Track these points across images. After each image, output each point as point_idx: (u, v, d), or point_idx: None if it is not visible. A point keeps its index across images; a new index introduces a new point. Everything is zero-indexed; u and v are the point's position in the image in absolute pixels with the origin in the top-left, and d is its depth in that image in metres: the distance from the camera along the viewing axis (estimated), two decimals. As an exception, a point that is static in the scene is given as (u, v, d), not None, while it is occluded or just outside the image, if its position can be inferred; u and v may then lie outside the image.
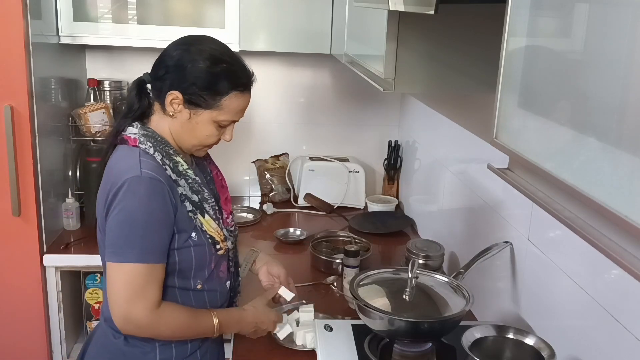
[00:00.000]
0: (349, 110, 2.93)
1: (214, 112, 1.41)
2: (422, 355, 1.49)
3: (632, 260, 0.61)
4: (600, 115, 0.66)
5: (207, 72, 1.38)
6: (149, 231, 1.33)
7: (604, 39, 0.65)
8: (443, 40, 1.49)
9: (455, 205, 2.13)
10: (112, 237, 1.34)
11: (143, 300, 1.34)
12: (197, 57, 1.38)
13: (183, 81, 1.38)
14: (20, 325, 2.29)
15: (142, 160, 1.36)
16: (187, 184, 1.41)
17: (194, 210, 1.41)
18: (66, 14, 2.37)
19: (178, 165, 1.41)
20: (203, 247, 1.43)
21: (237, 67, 1.43)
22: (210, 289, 1.50)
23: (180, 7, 2.53)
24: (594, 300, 1.24)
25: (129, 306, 1.34)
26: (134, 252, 1.32)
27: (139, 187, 1.32)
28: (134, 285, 1.33)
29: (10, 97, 2.08)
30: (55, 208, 2.38)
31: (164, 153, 1.40)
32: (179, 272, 1.42)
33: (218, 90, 1.39)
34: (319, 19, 2.50)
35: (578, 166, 0.70)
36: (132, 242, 1.33)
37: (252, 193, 2.97)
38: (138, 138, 1.40)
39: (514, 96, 0.86)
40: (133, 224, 1.32)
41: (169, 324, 1.39)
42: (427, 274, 1.60)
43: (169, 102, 1.40)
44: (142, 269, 1.33)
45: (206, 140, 1.46)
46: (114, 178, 1.35)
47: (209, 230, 1.44)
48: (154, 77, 1.43)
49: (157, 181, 1.34)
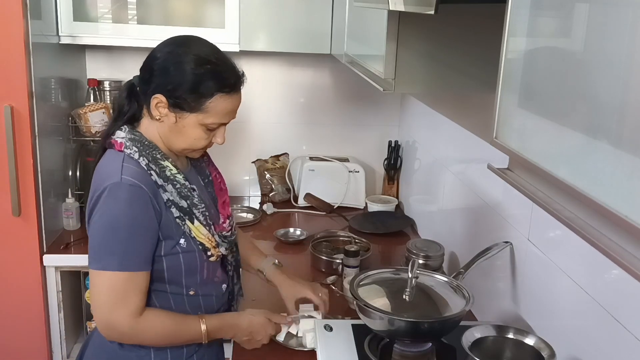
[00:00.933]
0: (349, 110, 2.93)
1: (200, 115, 1.36)
2: (422, 355, 1.49)
3: (632, 260, 0.61)
4: (600, 115, 0.66)
5: (191, 74, 1.34)
6: (130, 238, 1.31)
7: (604, 39, 0.65)
8: (443, 40, 1.49)
9: (455, 205, 2.12)
10: (93, 243, 1.33)
11: (124, 307, 1.32)
12: (181, 59, 1.35)
13: (167, 84, 1.35)
14: (20, 325, 2.29)
15: (124, 166, 1.33)
16: (174, 189, 1.38)
17: (181, 216, 1.38)
18: (66, 14, 2.37)
19: (165, 170, 1.38)
20: (193, 254, 1.41)
21: (222, 67, 1.38)
22: (205, 294, 1.48)
23: (180, 7, 2.53)
24: (594, 300, 1.24)
25: (110, 314, 1.33)
26: (113, 260, 1.31)
27: (119, 193, 1.30)
28: (115, 293, 1.32)
29: (10, 97, 2.08)
30: (55, 208, 2.38)
31: (149, 158, 1.37)
32: (169, 278, 1.40)
33: (202, 92, 1.34)
34: (319, 19, 2.49)
35: (578, 166, 0.70)
36: (111, 249, 1.31)
37: (252, 193, 2.97)
38: (124, 142, 1.37)
39: (514, 96, 0.86)
40: (113, 231, 1.31)
41: (152, 330, 1.38)
42: (427, 274, 1.60)
43: (154, 106, 1.37)
44: (122, 277, 1.31)
45: (196, 144, 1.41)
46: (97, 184, 1.34)
47: (199, 236, 1.41)
48: (141, 80, 1.40)
49: (137, 188, 1.31)
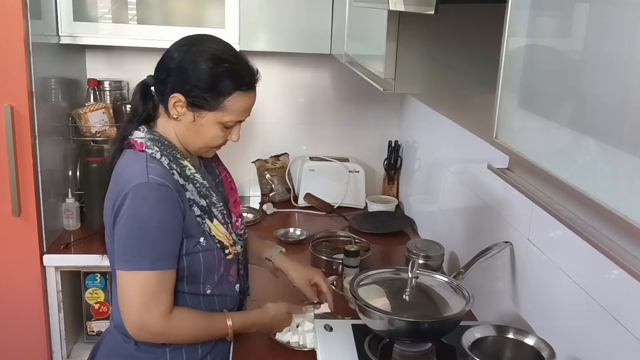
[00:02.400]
0: (349, 110, 2.93)
1: (218, 113, 1.39)
2: (422, 355, 1.49)
3: (632, 260, 0.61)
4: (600, 115, 0.66)
5: (209, 73, 1.35)
6: (160, 238, 1.32)
7: (604, 39, 0.65)
8: (443, 40, 1.49)
9: (455, 205, 2.12)
10: (122, 245, 1.33)
11: (156, 307, 1.33)
12: (198, 58, 1.36)
13: (185, 83, 1.36)
14: (20, 325, 2.29)
15: (149, 166, 1.34)
16: (194, 188, 1.40)
17: (202, 215, 1.40)
18: (66, 14, 2.36)
19: (185, 170, 1.40)
20: (212, 252, 1.43)
21: (239, 66, 1.40)
22: (220, 293, 1.49)
23: (180, 7, 2.53)
24: (594, 300, 1.24)
25: (143, 314, 1.33)
26: (145, 260, 1.31)
27: (147, 193, 1.31)
28: (147, 293, 1.32)
29: (10, 97, 2.08)
30: (55, 208, 2.38)
31: (171, 157, 1.38)
32: (187, 277, 1.41)
33: (221, 91, 1.37)
34: (319, 19, 2.49)
35: (578, 166, 0.70)
36: (142, 249, 1.32)
37: (252, 193, 2.97)
38: (145, 142, 1.38)
39: (514, 96, 0.86)
40: (143, 231, 1.31)
41: (182, 329, 1.39)
42: (427, 274, 1.60)
43: (172, 105, 1.38)
44: (154, 276, 1.32)
45: (212, 142, 1.44)
46: (121, 185, 1.33)
47: (218, 235, 1.43)
48: (157, 81, 1.41)
49: (166, 187, 1.32)
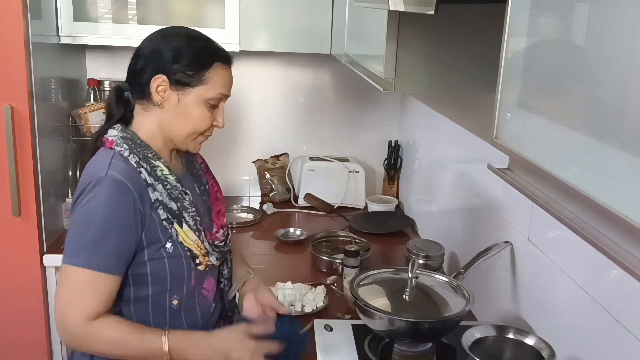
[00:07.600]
0: (349, 110, 2.93)
1: (202, 87, 1.36)
2: (422, 355, 1.49)
3: (632, 260, 0.61)
4: (600, 115, 0.66)
5: (187, 48, 1.36)
6: (102, 237, 1.26)
7: (604, 39, 0.65)
8: (443, 40, 1.49)
9: (455, 205, 2.12)
10: (67, 237, 1.31)
11: (79, 307, 1.26)
12: (172, 38, 1.38)
13: (165, 62, 1.35)
14: (20, 325, 2.29)
15: (112, 163, 1.31)
16: (164, 189, 1.34)
17: (169, 218, 1.34)
18: (66, 14, 2.36)
19: (157, 170, 1.35)
20: (179, 260, 1.35)
21: (213, 43, 1.42)
22: (188, 307, 1.41)
23: (180, 7, 2.53)
24: (594, 300, 1.24)
25: (64, 310, 1.27)
26: (80, 255, 1.26)
27: (99, 189, 1.27)
28: (74, 290, 1.27)
29: (10, 97, 2.08)
30: (55, 208, 2.38)
31: (140, 156, 1.34)
32: (152, 284, 1.35)
33: (201, 63, 1.36)
34: (319, 19, 2.49)
35: (578, 166, 0.70)
36: (80, 245, 1.27)
37: (252, 193, 2.97)
38: (115, 140, 1.35)
39: (514, 96, 0.86)
40: (87, 225, 1.27)
41: (103, 338, 1.28)
42: (427, 274, 1.61)
43: (154, 90, 1.35)
44: (85, 275, 1.25)
45: (199, 125, 1.38)
46: (83, 179, 1.32)
47: (186, 241, 1.36)
48: (133, 76, 1.39)
49: (122, 184, 1.28)
